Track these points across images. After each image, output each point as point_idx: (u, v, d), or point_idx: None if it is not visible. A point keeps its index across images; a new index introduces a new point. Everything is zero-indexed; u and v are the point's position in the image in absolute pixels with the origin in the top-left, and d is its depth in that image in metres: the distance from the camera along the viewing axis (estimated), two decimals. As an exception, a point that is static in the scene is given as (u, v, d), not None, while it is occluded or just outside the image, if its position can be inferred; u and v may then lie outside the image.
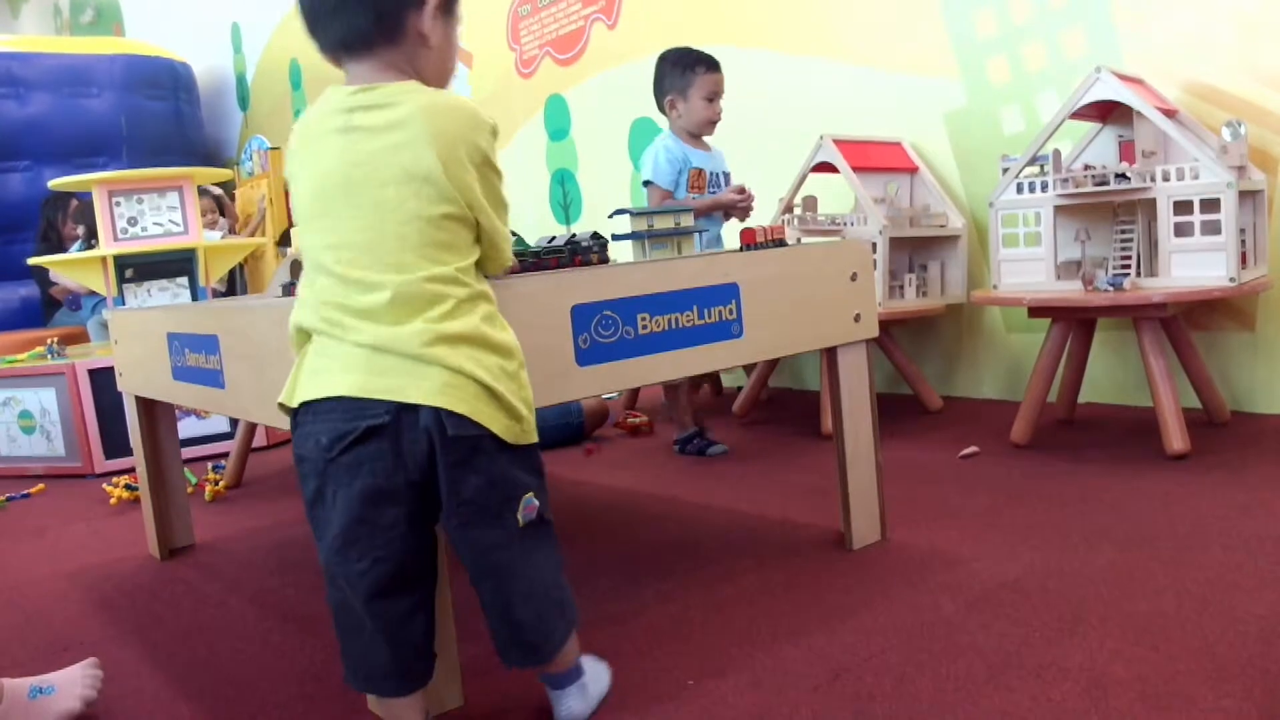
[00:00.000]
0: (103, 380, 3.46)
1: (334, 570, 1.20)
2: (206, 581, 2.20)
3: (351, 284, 1.16)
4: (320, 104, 1.23)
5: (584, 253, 1.79)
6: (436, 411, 1.14)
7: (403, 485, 1.17)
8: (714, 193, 2.90)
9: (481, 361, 1.17)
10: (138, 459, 2.42)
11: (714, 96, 2.88)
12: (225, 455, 3.32)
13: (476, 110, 1.24)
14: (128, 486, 3.03)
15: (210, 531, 2.57)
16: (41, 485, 3.38)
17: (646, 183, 2.88)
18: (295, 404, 1.20)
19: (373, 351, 1.14)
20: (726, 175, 2.97)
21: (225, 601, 2.04)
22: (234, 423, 3.42)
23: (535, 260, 1.71)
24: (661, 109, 2.95)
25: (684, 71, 2.88)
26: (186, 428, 3.42)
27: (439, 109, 1.19)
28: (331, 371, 1.16)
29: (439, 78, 1.29)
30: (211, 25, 7.92)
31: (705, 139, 2.94)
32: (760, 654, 1.50)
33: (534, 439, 1.24)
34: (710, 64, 2.88)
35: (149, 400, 2.35)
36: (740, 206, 2.86)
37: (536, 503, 1.23)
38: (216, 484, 3.02)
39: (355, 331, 1.15)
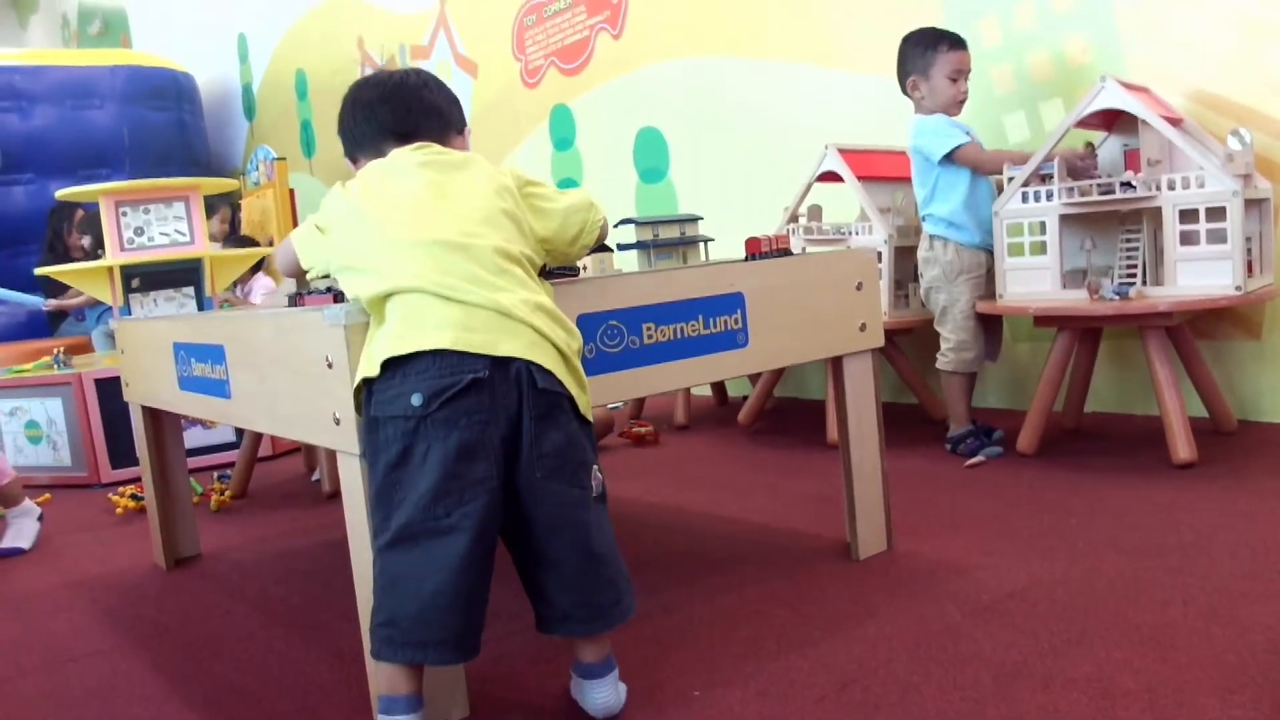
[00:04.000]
0: (109, 390, 3.47)
1: (416, 527, 1.22)
2: (212, 592, 2.20)
3: (453, 253, 1.28)
4: (389, 159, 1.47)
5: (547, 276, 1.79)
6: (527, 365, 1.25)
7: (495, 439, 1.24)
8: None
9: (558, 332, 1.30)
10: (144, 469, 2.42)
11: (959, 75, 2.75)
12: (231, 465, 3.32)
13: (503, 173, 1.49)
14: (133, 496, 3.03)
15: (216, 542, 2.57)
16: (48, 495, 3.39)
17: (950, 153, 2.70)
18: (378, 368, 1.24)
19: (468, 308, 1.24)
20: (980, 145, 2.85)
21: (230, 612, 2.04)
22: (239, 433, 3.43)
23: None
24: (905, 91, 2.83)
25: (925, 50, 2.76)
26: (192, 437, 3.43)
27: (487, 162, 1.48)
28: (424, 329, 1.23)
29: None
30: (218, 36, 7.94)
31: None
32: (767, 664, 1.50)
33: (592, 420, 1.36)
34: (954, 41, 2.75)
35: (155, 410, 2.35)
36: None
37: (602, 477, 1.34)
38: (222, 494, 3.02)
39: (455, 290, 1.25)
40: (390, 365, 1.24)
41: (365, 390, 1.28)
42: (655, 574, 1.99)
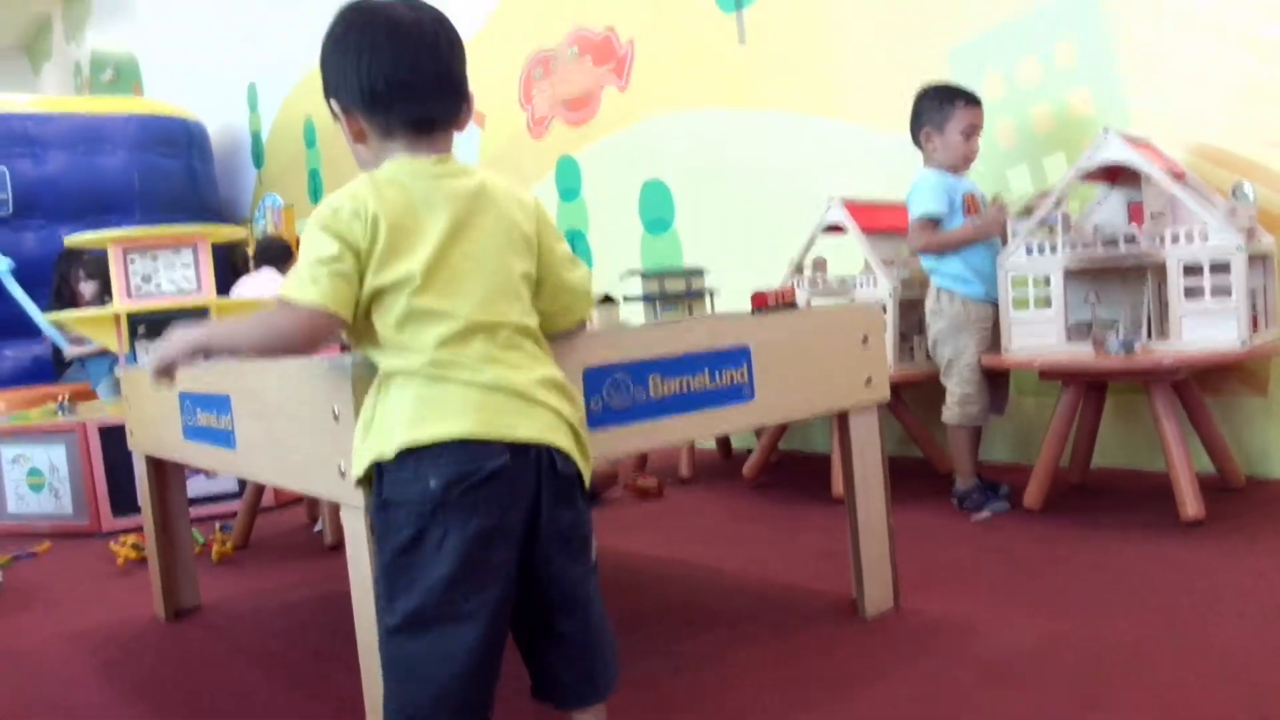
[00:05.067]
0: (113, 438, 3.46)
1: (431, 613, 1.18)
2: (212, 644, 2.18)
3: (471, 328, 1.22)
4: (405, 169, 1.28)
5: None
6: (547, 449, 1.22)
7: (515, 524, 1.21)
8: None
9: (569, 407, 1.27)
10: (146, 519, 2.41)
11: (972, 132, 2.78)
12: (233, 515, 3.30)
13: (528, 197, 1.41)
14: (134, 546, 3.01)
15: (216, 592, 2.55)
16: (47, 544, 3.37)
17: (915, 219, 2.76)
18: (397, 450, 1.19)
19: (486, 392, 1.20)
20: (984, 199, 2.87)
21: (230, 664, 2.02)
22: (242, 482, 3.42)
23: None
24: (917, 143, 2.85)
25: (941, 105, 2.78)
26: (194, 487, 3.41)
27: (513, 187, 1.37)
28: (443, 415, 1.18)
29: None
30: (229, 84, 8.04)
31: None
32: (772, 725, 1.48)
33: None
34: (970, 98, 2.78)
35: (158, 459, 2.34)
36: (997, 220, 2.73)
37: (595, 542, 1.32)
38: (224, 544, 3.00)
39: (469, 372, 1.20)
40: (406, 449, 1.19)
41: (376, 469, 1.22)
42: (661, 630, 1.97)
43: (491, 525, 1.19)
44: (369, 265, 1.22)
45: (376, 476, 1.22)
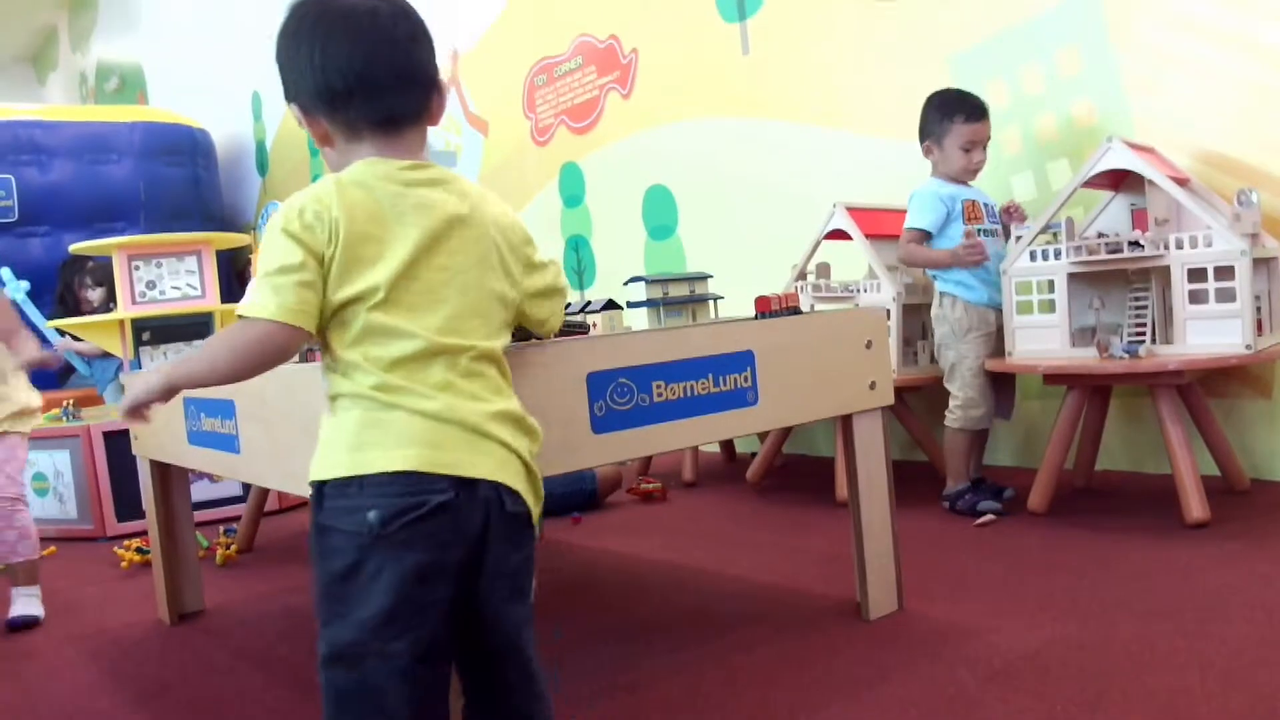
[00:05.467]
0: (117, 443, 3.47)
1: (364, 649, 1.11)
2: (216, 648, 2.18)
3: (431, 350, 1.14)
4: (372, 171, 1.19)
5: (565, 330, 1.79)
6: (496, 486, 1.15)
7: (454, 562, 1.13)
8: (993, 223, 2.81)
9: (524, 442, 1.20)
10: (150, 523, 2.42)
11: (972, 147, 2.76)
12: (237, 519, 3.31)
13: (506, 206, 1.31)
14: (139, 550, 3.02)
15: (220, 596, 2.55)
16: (53, 548, 3.37)
17: (905, 230, 2.79)
18: (334, 477, 1.13)
19: (435, 422, 1.12)
20: (991, 206, 2.86)
21: (234, 669, 2.02)
22: (246, 487, 3.42)
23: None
24: (924, 149, 2.85)
25: (942, 119, 2.77)
26: (198, 491, 3.42)
27: (487, 198, 1.27)
28: (385, 444, 1.12)
29: (425, 152, 1.32)
30: (233, 93, 8.06)
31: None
32: (776, 728, 1.48)
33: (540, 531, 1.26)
34: (971, 113, 2.75)
35: (163, 464, 2.35)
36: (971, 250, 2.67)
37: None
38: (228, 548, 3.01)
39: (419, 399, 1.12)
40: (346, 477, 1.12)
41: (318, 492, 1.15)
42: (664, 634, 1.97)
43: (429, 562, 1.11)
44: (329, 274, 1.13)
45: (317, 500, 1.15)
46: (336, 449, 1.14)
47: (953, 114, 2.76)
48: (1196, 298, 2.39)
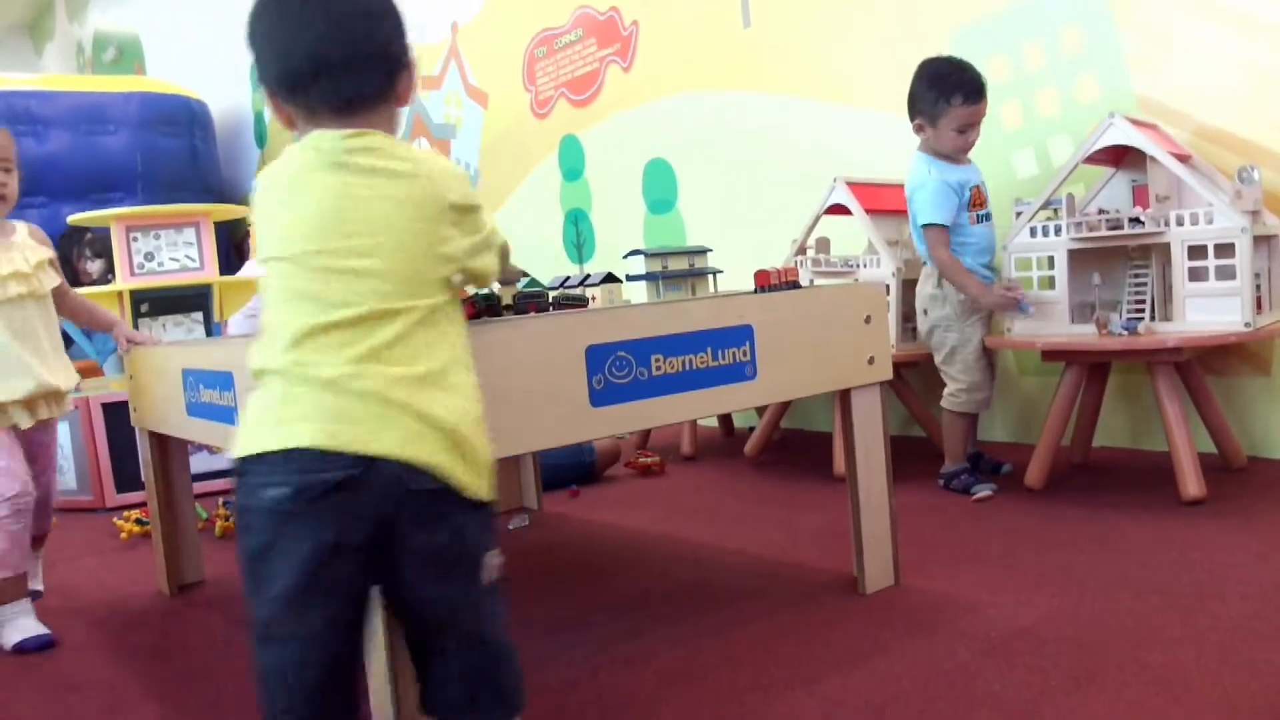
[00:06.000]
0: (116, 414, 3.47)
1: (276, 628, 1.12)
2: (215, 618, 2.19)
3: (347, 317, 1.12)
4: (307, 145, 1.20)
5: (562, 304, 1.79)
6: (402, 464, 1.10)
7: (362, 541, 1.11)
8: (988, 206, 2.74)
9: (448, 406, 1.13)
10: (149, 494, 2.42)
11: (968, 128, 2.64)
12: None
13: (457, 167, 1.27)
14: (138, 521, 3.03)
15: (220, 567, 2.56)
16: (53, 519, 3.38)
17: (925, 226, 2.64)
18: (245, 454, 1.12)
19: (339, 393, 1.10)
20: (984, 185, 2.76)
21: (233, 638, 2.03)
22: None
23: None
24: (912, 120, 2.72)
25: (937, 98, 2.62)
26: (198, 463, 3.42)
27: (435, 160, 1.23)
28: (291, 420, 1.10)
29: (397, 130, 1.30)
30: (231, 64, 8.01)
31: None
32: (773, 700, 1.49)
33: (495, 497, 1.20)
34: (969, 94, 2.61)
35: (162, 435, 2.35)
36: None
37: (497, 561, 1.19)
38: (227, 519, 3.02)
39: (325, 368, 1.10)
40: (256, 454, 1.12)
41: (235, 466, 1.14)
42: (661, 607, 1.97)
43: (333, 541, 1.10)
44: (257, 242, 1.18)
45: (237, 477, 1.15)
46: (247, 424, 1.14)
47: (949, 94, 2.61)
48: (1196, 275, 2.39)
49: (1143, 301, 2.55)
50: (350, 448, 1.08)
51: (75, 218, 3.88)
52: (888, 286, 2.97)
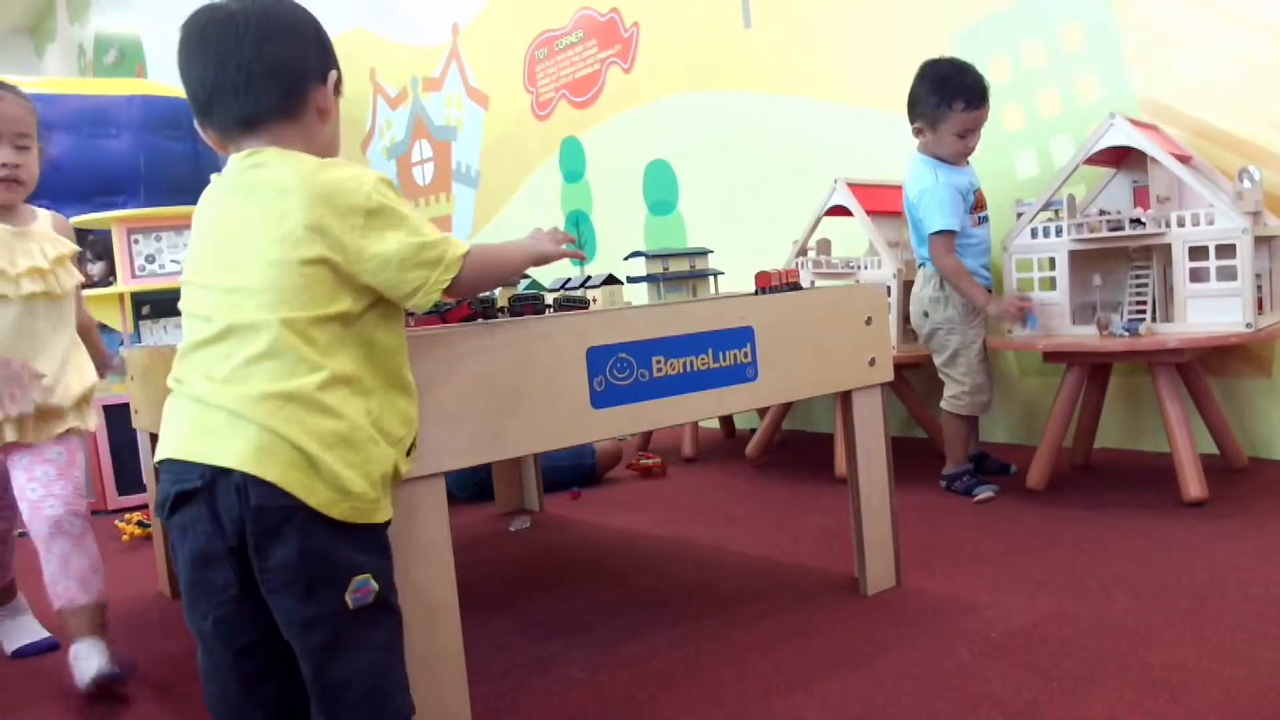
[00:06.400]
0: (117, 417, 3.47)
1: (192, 629, 1.18)
2: (217, 621, 2.19)
3: (217, 332, 1.15)
4: (224, 169, 1.25)
5: (563, 305, 1.79)
6: (245, 476, 1.09)
7: (224, 550, 1.12)
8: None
9: (308, 426, 1.11)
10: (150, 497, 2.42)
11: (968, 134, 2.62)
12: (238, 493, 3.32)
13: (358, 171, 1.21)
14: (140, 523, 3.03)
15: (222, 570, 2.56)
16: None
17: (936, 233, 2.60)
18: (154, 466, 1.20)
19: (202, 407, 1.13)
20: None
21: (236, 641, 2.02)
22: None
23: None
24: (911, 121, 2.69)
25: (939, 103, 2.59)
26: (200, 465, 3.43)
27: (318, 169, 1.19)
28: (167, 433, 1.17)
29: (332, 148, 1.29)
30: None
31: None
32: (775, 701, 1.49)
33: (377, 518, 1.17)
34: (971, 98, 2.58)
35: (164, 438, 2.35)
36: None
37: (374, 586, 1.14)
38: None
39: (195, 384, 1.15)
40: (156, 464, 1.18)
41: None
42: (662, 608, 1.98)
43: (202, 548, 1.13)
44: None
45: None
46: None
47: (952, 98, 2.59)
48: (1197, 276, 2.39)
49: (1144, 302, 2.55)
50: (202, 459, 1.11)
51: (77, 220, 3.89)
52: (889, 288, 2.97)
